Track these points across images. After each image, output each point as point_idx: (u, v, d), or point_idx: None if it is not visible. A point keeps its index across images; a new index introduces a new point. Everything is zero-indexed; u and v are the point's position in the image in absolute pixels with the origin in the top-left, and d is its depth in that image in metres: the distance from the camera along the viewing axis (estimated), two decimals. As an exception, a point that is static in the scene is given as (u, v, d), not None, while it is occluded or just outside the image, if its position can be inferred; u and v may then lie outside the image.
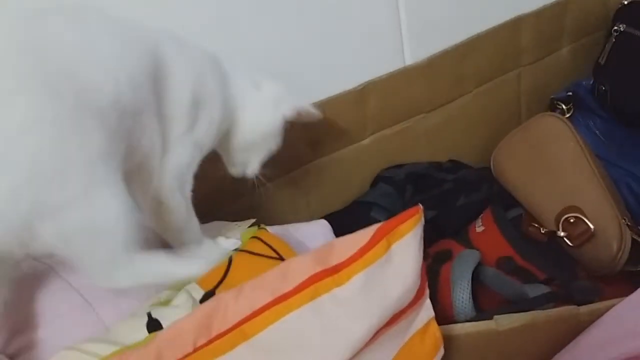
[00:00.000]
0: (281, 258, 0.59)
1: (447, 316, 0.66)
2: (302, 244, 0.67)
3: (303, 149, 0.83)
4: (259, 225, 0.65)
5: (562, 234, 0.78)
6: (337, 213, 0.88)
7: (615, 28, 0.94)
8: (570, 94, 0.98)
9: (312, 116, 0.70)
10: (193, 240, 0.62)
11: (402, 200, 0.87)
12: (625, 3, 0.96)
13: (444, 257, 0.74)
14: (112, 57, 0.50)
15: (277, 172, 0.74)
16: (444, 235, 0.84)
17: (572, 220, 0.77)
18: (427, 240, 0.51)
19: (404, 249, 0.49)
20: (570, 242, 0.77)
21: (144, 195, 0.58)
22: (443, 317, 0.55)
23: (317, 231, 0.70)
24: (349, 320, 0.46)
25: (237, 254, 0.59)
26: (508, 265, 0.75)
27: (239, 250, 0.60)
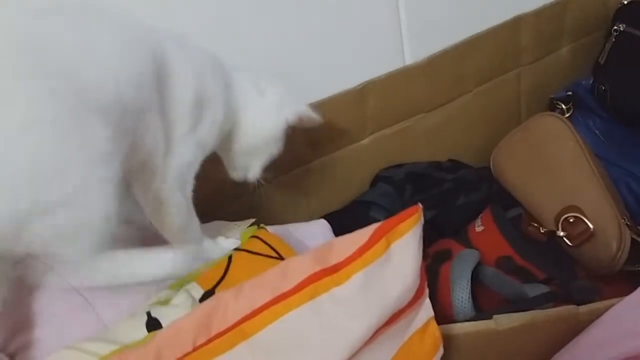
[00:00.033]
0: (281, 257, 0.59)
1: (447, 316, 0.66)
2: (301, 244, 0.67)
3: (303, 149, 0.83)
4: (258, 225, 0.65)
5: (561, 233, 0.78)
6: (336, 213, 0.88)
7: (615, 28, 0.94)
8: (570, 93, 0.98)
9: (313, 121, 0.70)
10: (193, 240, 0.62)
11: (402, 199, 0.87)
12: (625, 3, 0.96)
13: (443, 257, 0.74)
14: (113, 56, 0.50)
15: (277, 172, 0.74)
16: (444, 234, 0.83)
17: (571, 220, 0.77)
18: (427, 240, 0.51)
19: (403, 248, 0.49)
20: (570, 241, 0.77)
21: (145, 194, 0.58)
22: (442, 316, 0.55)
23: (317, 231, 0.70)
24: (348, 320, 0.46)
25: (237, 253, 0.59)
26: (507, 265, 0.75)
27: (238, 249, 0.60)
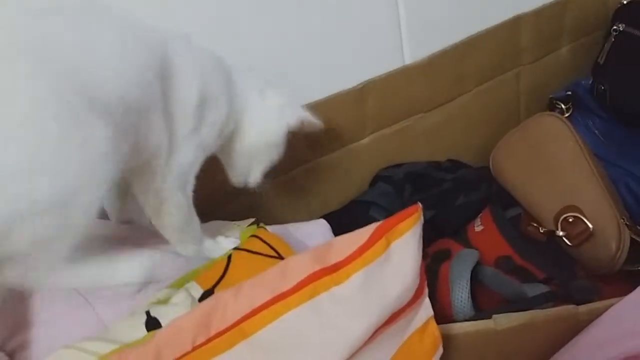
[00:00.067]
0: (280, 257, 0.59)
1: (446, 315, 0.66)
2: (301, 244, 0.67)
3: (302, 149, 0.83)
4: (258, 224, 0.65)
5: (561, 233, 0.78)
6: (335, 212, 0.88)
7: (615, 28, 0.94)
8: (570, 93, 0.98)
9: (314, 125, 0.71)
10: (193, 240, 0.62)
11: (401, 199, 0.87)
12: (625, 3, 0.96)
13: (442, 257, 0.74)
14: (114, 56, 0.49)
15: (277, 172, 0.74)
16: (443, 234, 0.84)
17: (571, 220, 0.77)
18: (426, 240, 0.51)
19: (403, 247, 0.49)
20: (569, 241, 0.77)
21: (145, 194, 0.58)
22: (442, 316, 0.56)
23: (316, 231, 0.70)
24: (348, 319, 0.46)
25: (236, 252, 0.59)
26: (507, 265, 0.75)
27: (238, 248, 0.60)
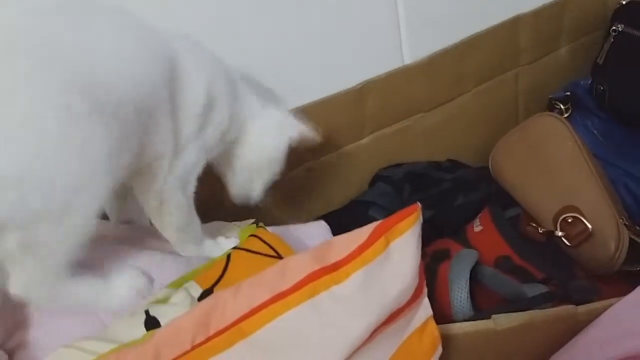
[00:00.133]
0: (280, 256, 0.59)
1: (445, 315, 0.66)
2: (300, 244, 0.67)
3: (302, 150, 0.83)
4: (257, 225, 0.65)
5: (560, 233, 0.78)
6: (335, 212, 0.88)
7: (614, 28, 0.94)
8: (569, 93, 0.98)
9: (313, 140, 0.71)
10: (194, 240, 0.62)
11: (400, 199, 0.87)
12: (624, 3, 0.96)
13: (442, 257, 0.74)
14: (116, 55, 0.49)
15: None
16: (442, 234, 0.83)
17: (570, 220, 0.77)
18: (425, 240, 0.51)
19: (402, 246, 0.49)
20: (568, 241, 0.77)
21: (145, 194, 0.58)
22: (441, 316, 0.55)
23: (316, 232, 0.70)
24: (347, 318, 0.46)
25: (236, 252, 0.59)
26: (506, 265, 0.75)
27: (237, 248, 0.60)
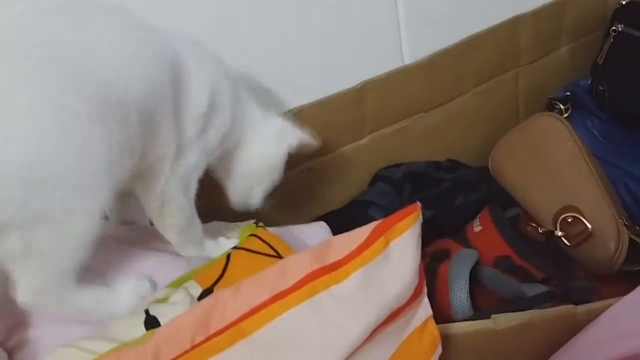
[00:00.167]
0: (279, 256, 0.59)
1: (445, 315, 0.66)
2: (300, 243, 0.67)
3: (301, 153, 0.83)
4: (257, 225, 0.65)
5: (559, 233, 0.78)
6: (335, 212, 0.88)
7: (614, 28, 0.94)
8: (568, 93, 0.98)
9: (311, 147, 0.71)
10: (195, 241, 0.62)
11: (400, 199, 0.87)
12: (624, 3, 0.96)
13: (441, 257, 0.74)
14: (116, 56, 0.49)
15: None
16: (442, 234, 0.83)
17: (569, 220, 0.77)
18: (425, 240, 0.51)
19: (402, 246, 0.49)
20: (568, 241, 0.77)
21: (147, 195, 0.58)
22: (441, 316, 0.55)
23: (316, 232, 0.70)
24: (347, 318, 0.46)
25: (236, 251, 0.59)
26: (506, 265, 0.75)
27: (237, 247, 0.60)
